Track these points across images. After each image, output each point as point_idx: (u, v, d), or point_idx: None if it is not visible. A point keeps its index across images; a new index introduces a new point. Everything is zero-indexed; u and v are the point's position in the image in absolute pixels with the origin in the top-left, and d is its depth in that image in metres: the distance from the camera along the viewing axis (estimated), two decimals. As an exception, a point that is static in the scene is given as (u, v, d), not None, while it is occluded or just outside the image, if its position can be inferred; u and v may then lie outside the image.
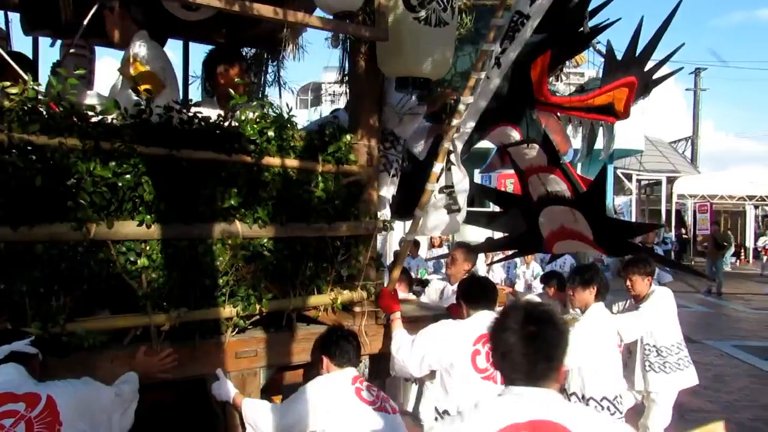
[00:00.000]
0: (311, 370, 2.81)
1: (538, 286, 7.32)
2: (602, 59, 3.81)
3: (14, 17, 4.20)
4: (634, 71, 3.44)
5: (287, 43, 3.81)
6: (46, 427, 1.88)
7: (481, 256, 8.30)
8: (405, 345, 2.92)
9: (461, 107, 2.98)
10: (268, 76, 4.45)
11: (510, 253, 5.52)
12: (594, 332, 3.61)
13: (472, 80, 2.98)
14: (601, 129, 4.06)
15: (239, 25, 4.32)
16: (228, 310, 2.57)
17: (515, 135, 3.58)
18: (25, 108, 2.13)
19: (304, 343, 2.85)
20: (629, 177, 22.23)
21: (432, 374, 3.07)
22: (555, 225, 3.91)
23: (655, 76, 3.55)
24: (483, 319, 2.95)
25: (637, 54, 3.39)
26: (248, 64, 4.08)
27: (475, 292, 3.14)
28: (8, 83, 2.14)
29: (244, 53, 4.32)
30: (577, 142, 4.20)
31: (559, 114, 3.80)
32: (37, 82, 2.24)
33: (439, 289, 5.57)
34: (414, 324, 3.10)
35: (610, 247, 3.90)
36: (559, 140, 3.64)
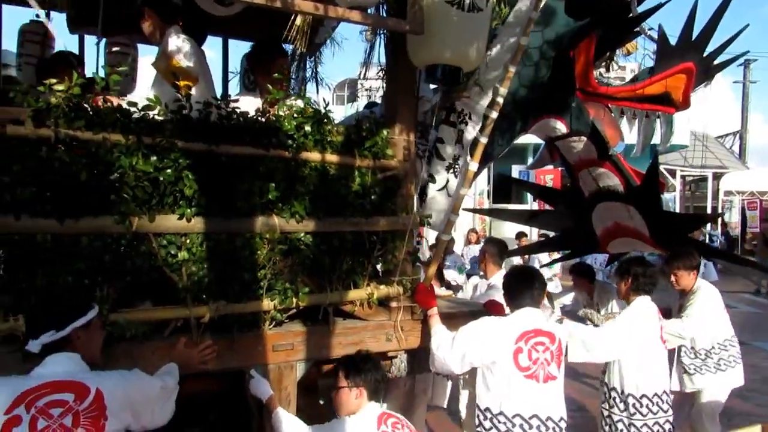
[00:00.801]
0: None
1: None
2: (654, 46, 3.68)
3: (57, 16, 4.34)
4: (691, 57, 3.29)
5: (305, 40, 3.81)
6: (91, 420, 1.90)
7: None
8: (445, 342, 2.89)
9: (500, 99, 2.94)
10: (305, 72, 4.48)
11: (563, 254, 5.39)
12: (635, 326, 3.49)
13: (509, 73, 2.93)
14: (658, 121, 3.91)
15: (277, 21, 4.36)
16: (266, 304, 2.60)
17: (561, 127, 3.48)
18: (71, 104, 2.19)
19: (341, 337, 2.86)
20: (673, 173, 21.64)
21: (471, 370, 3.05)
22: (609, 222, 3.78)
23: (716, 62, 3.39)
24: (525, 317, 2.93)
25: (693, 38, 3.25)
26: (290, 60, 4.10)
27: (517, 287, 3.04)
28: (54, 80, 2.20)
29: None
30: (631, 137, 4.04)
31: (610, 105, 3.65)
32: (82, 79, 2.29)
33: (473, 285, 5.55)
34: (449, 320, 3.07)
35: (667, 243, 3.76)
36: (609, 132, 3.49)
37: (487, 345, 2.84)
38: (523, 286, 3.01)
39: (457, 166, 3.31)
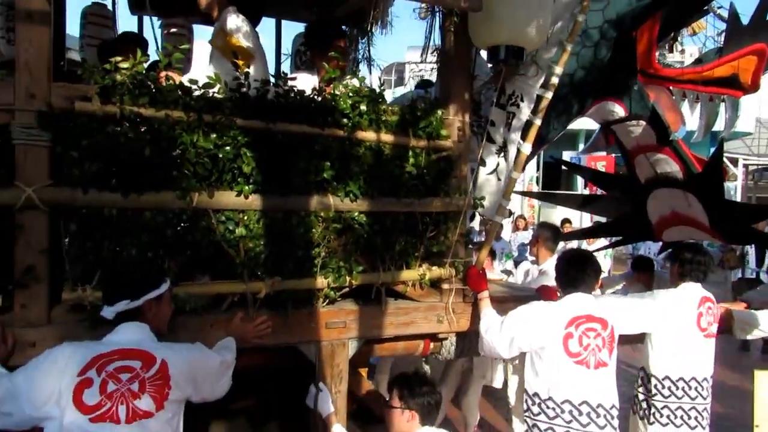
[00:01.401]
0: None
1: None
2: (722, 26, 3.52)
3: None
4: (764, 37, 3.13)
5: (376, 18, 3.79)
6: (156, 388, 1.96)
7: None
8: (494, 326, 2.87)
9: (554, 79, 2.87)
10: (356, 53, 4.47)
11: (614, 240, 5.27)
12: (669, 308, 3.38)
13: (566, 52, 2.86)
14: (722, 105, 3.75)
15: (329, 2, 4.36)
16: (319, 281, 2.63)
17: (619, 111, 3.38)
18: (135, 81, 2.24)
19: (392, 317, 2.87)
20: (735, 162, 20.75)
21: (520, 355, 3.02)
22: (666, 210, 3.65)
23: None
24: (576, 302, 2.87)
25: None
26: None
27: (570, 272, 2.97)
28: (120, 58, 2.26)
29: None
30: (692, 122, 3.90)
31: (671, 88, 3.52)
32: (146, 57, 2.34)
33: (525, 270, 5.49)
34: (500, 304, 3.05)
35: (729, 233, 3.62)
36: (670, 116, 3.37)
37: (536, 330, 2.81)
38: (576, 271, 2.95)
39: (507, 150, 3.25)
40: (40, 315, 2.19)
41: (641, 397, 3.57)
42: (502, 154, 3.27)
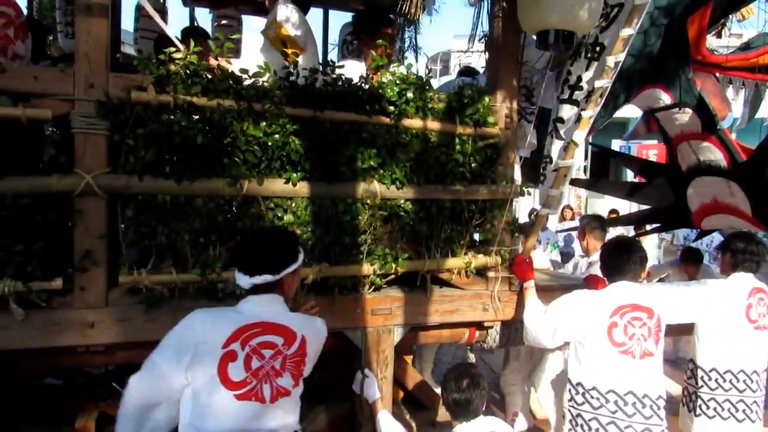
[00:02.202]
0: None
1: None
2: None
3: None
4: None
5: (422, 6, 3.76)
6: (294, 365, 1.96)
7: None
8: (537, 315, 2.85)
9: (610, 65, 2.80)
10: (403, 42, 4.47)
11: (654, 227, 5.15)
12: (717, 298, 3.25)
13: (623, 36, 2.78)
14: None
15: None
16: (366, 268, 2.65)
17: (665, 98, 3.29)
18: (188, 71, 2.30)
19: (437, 304, 2.88)
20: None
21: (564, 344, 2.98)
22: (706, 198, 3.56)
23: None
24: (621, 290, 2.80)
25: None
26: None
27: (615, 259, 2.88)
28: (173, 49, 2.32)
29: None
30: (737, 107, 3.80)
31: (718, 75, 3.42)
32: (199, 48, 2.39)
33: (574, 264, 5.40)
34: (546, 293, 3.01)
35: None
36: (716, 104, 3.28)
37: (579, 319, 2.76)
38: (621, 258, 2.86)
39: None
40: (98, 297, 2.28)
41: (690, 389, 3.49)
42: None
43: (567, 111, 3.08)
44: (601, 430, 2.67)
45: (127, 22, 4.77)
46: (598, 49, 2.94)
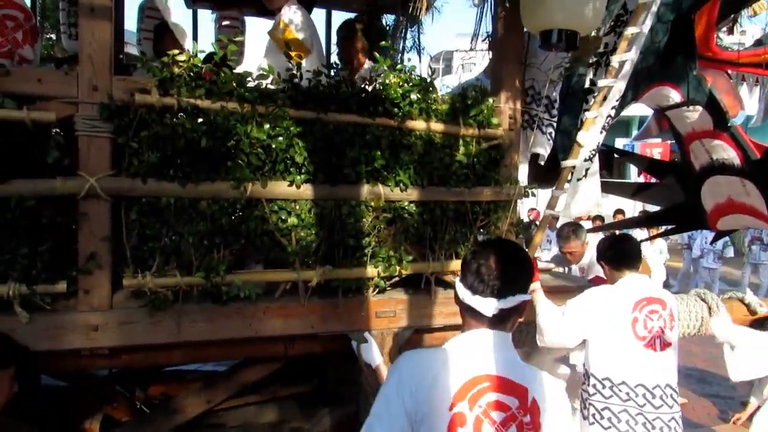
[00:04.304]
0: None
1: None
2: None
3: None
4: None
5: (424, 5, 3.75)
6: None
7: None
8: (555, 315, 2.87)
9: (614, 64, 2.79)
10: (406, 42, 4.47)
11: (665, 229, 5.12)
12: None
13: (627, 35, 2.77)
14: None
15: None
16: (369, 270, 2.65)
17: (675, 96, 3.26)
18: (192, 74, 2.29)
19: (442, 306, 2.87)
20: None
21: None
22: (721, 197, 3.53)
23: None
24: (635, 284, 2.88)
25: None
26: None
27: (614, 254, 2.99)
28: (177, 51, 2.31)
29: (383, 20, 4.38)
30: (752, 105, 3.76)
31: (730, 72, 3.39)
32: (200, 50, 2.39)
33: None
34: (552, 294, 3.01)
35: None
36: (728, 101, 3.25)
37: (602, 316, 2.82)
38: (625, 251, 2.97)
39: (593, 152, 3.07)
40: (102, 300, 2.28)
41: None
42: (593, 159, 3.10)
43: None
44: (613, 418, 2.74)
45: (130, 23, 4.78)
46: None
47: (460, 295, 1.57)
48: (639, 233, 8.53)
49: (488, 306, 1.51)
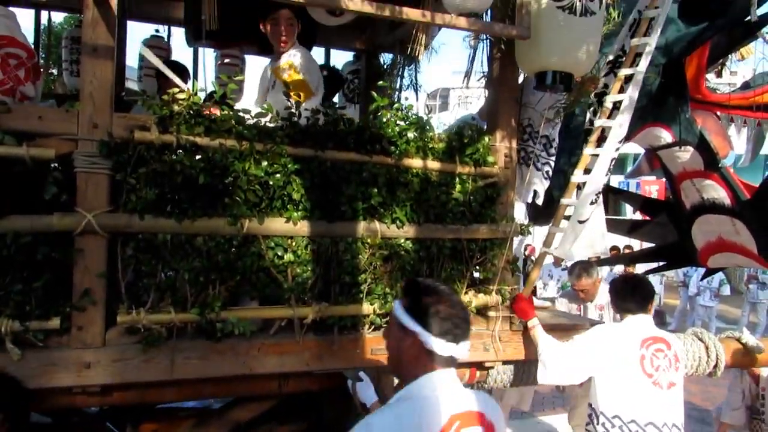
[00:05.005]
0: None
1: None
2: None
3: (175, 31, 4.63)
4: None
5: (422, 46, 3.82)
6: None
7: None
8: (559, 353, 2.86)
9: (608, 105, 2.83)
10: (403, 80, 4.53)
11: (658, 265, 5.16)
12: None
13: (620, 76, 2.82)
14: None
15: (378, 31, 4.45)
16: (366, 307, 2.64)
17: (666, 136, 3.33)
18: (191, 111, 2.32)
19: (438, 344, 2.84)
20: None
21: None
22: (712, 236, 3.58)
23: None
24: (640, 324, 2.94)
25: None
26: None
27: (629, 295, 3.04)
28: (177, 89, 2.35)
29: (381, 59, 4.46)
30: (740, 146, 3.84)
31: (719, 113, 3.48)
32: (198, 88, 2.43)
33: (573, 308, 5.29)
34: (550, 332, 2.99)
35: None
36: (718, 142, 3.33)
37: (612, 352, 2.85)
38: (636, 294, 3.02)
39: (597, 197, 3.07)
40: (95, 337, 2.25)
41: None
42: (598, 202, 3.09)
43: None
44: None
45: (132, 59, 4.86)
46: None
47: (429, 344, 1.62)
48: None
49: (463, 350, 1.64)
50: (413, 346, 1.64)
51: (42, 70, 3.27)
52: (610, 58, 3.04)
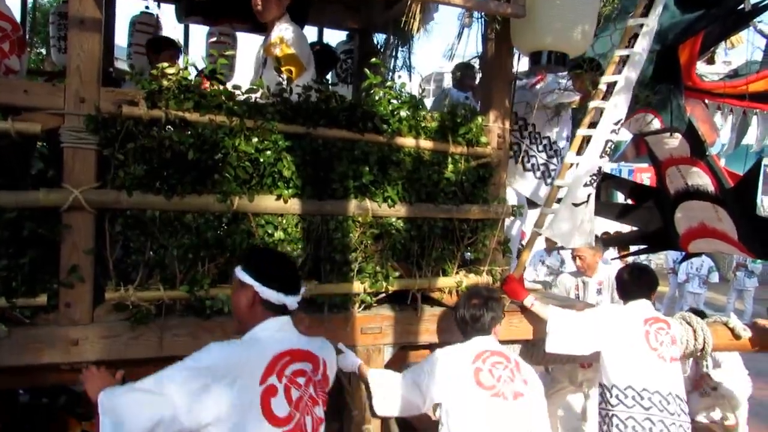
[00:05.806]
0: None
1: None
2: (764, 41, 3.45)
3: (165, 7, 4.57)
4: None
5: (416, 21, 3.76)
6: (322, 392, 1.91)
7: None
8: (566, 319, 2.97)
9: (602, 86, 2.82)
10: (396, 61, 4.49)
11: (638, 248, 5.18)
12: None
13: (615, 58, 2.81)
14: (755, 118, 3.75)
15: (372, 10, 4.40)
16: (356, 286, 2.63)
17: (656, 123, 3.33)
18: (180, 86, 2.29)
19: (428, 323, 2.85)
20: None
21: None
22: (694, 222, 3.64)
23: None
24: (641, 306, 3.13)
25: None
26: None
27: (627, 284, 3.23)
28: (166, 64, 2.31)
29: (374, 39, 4.41)
30: (724, 133, 3.87)
31: (707, 101, 3.50)
32: (190, 63, 2.39)
33: (572, 286, 5.25)
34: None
35: (760, 249, 3.55)
36: (705, 130, 3.38)
37: (619, 328, 3.00)
38: (641, 282, 3.20)
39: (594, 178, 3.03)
40: (83, 314, 2.24)
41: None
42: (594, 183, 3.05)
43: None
44: (637, 426, 2.89)
45: (121, 38, 4.78)
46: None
47: (264, 294, 1.86)
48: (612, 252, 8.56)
49: (291, 300, 1.90)
50: (251, 298, 1.87)
51: (29, 49, 3.22)
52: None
